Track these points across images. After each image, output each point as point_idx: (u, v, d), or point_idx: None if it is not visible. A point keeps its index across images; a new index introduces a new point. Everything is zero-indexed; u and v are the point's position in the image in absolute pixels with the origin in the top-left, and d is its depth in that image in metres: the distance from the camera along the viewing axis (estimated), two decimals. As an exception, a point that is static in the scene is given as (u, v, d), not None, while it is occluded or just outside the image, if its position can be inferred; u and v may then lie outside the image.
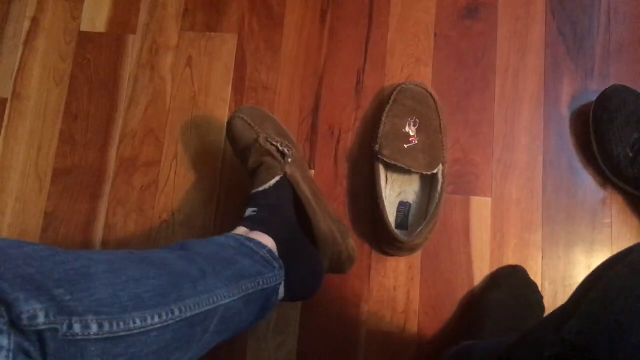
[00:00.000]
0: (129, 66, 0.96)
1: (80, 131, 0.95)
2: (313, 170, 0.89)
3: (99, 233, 0.91)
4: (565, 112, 0.89)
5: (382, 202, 0.80)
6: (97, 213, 0.91)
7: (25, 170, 0.94)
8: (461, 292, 0.84)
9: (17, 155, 0.95)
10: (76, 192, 0.93)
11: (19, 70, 0.98)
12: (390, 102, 0.85)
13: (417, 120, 0.84)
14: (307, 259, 0.74)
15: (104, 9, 0.99)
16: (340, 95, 0.92)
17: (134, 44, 0.97)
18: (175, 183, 0.91)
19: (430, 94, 0.85)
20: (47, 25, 0.99)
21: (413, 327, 0.84)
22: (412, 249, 0.82)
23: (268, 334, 0.85)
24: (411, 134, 0.83)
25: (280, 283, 0.68)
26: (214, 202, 0.90)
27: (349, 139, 0.90)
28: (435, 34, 0.92)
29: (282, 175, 0.75)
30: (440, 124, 0.84)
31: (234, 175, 0.90)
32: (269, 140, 0.77)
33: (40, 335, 0.38)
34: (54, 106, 0.96)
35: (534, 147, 0.88)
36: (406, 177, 0.86)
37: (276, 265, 0.66)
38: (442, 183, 0.82)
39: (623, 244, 0.83)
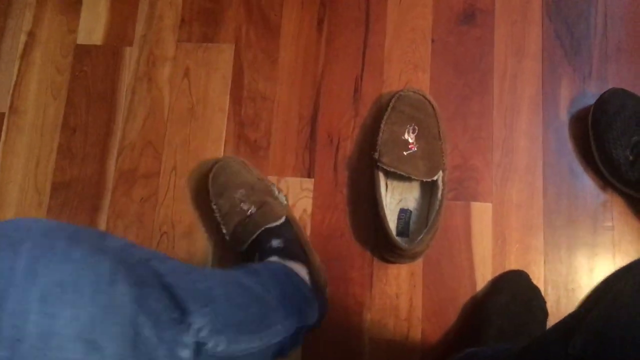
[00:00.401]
0: (127, 78, 0.96)
1: (79, 144, 0.95)
2: (312, 179, 0.89)
3: (99, 246, 0.90)
4: (564, 116, 0.88)
5: (383, 209, 0.80)
6: (97, 226, 0.91)
7: (24, 185, 0.94)
8: (464, 298, 0.84)
9: (16, 170, 0.94)
10: (75, 205, 0.92)
11: (16, 84, 0.98)
12: (389, 109, 0.85)
13: (416, 127, 0.83)
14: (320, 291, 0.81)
15: (101, 21, 0.99)
16: (339, 103, 0.92)
17: (131, 56, 0.97)
18: (174, 195, 0.91)
19: (429, 101, 0.85)
20: (44, 39, 0.99)
21: (416, 334, 0.83)
22: (413, 256, 0.82)
23: (271, 344, 0.84)
24: (410, 140, 0.83)
25: (316, 321, 0.74)
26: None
27: (347, 147, 0.90)
28: (432, 40, 0.92)
29: (286, 216, 0.81)
30: (439, 131, 0.84)
31: (233, 186, 0.90)
32: (269, 183, 0.85)
33: (197, 347, 0.43)
34: (52, 120, 0.96)
35: (533, 150, 0.88)
36: (406, 185, 0.85)
37: (315, 304, 0.70)
38: (443, 190, 0.82)
39: (625, 246, 0.83)
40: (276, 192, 0.84)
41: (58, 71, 0.98)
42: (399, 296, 0.85)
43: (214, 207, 0.83)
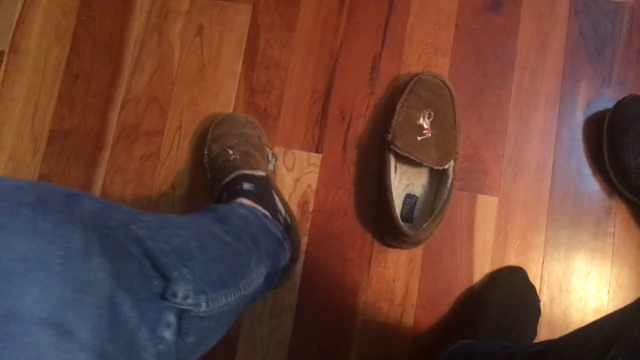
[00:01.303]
0: (136, 29, 0.92)
1: (81, 93, 0.91)
2: (320, 155, 0.87)
3: (94, 201, 0.88)
4: (580, 117, 0.88)
5: (391, 193, 0.79)
6: (94, 180, 0.88)
7: (20, 129, 0.90)
8: (460, 289, 0.84)
9: (12, 113, 0.91)
10: (73, 157, 0.89)
11: (18, 22, 0.93)
12: (406, 91, 0.83)
13: (432, 113, 0.82)
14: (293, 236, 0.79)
15: (113, -35, 0.94)
16: (354, 79, 0.89)
17: (142, 6, 0.92)
18: (177, 156, 0.88)
19: (448, 87, 0.83)
20: (51, -23, 0.94)
21: (409, 320, 0.83)
22: (416, 243, 0.81)
23: (263, 317, 0.84)
24: (425, 126, 0.81)
25: (287, 263, 0.69)
26: (216, 178, 0.87)
27: (359, 126, 0.88)
28: (456, 25, 0.90)
29: (265, 174, 0.78)
30: (455, 119, 0.83)
31: (238, 153, 0.88)
32: (267, 143, 0.83)
33: (181, 313, 0.41)
34: (54, 64, 0.92)
35: (545, 149, 0.87)
36: (415, 170, 0.84)
37: (287, 246, 0.67)
38: (452, 179, 0.81)
39: (623, 254, 0.84)
40: (269, 156, 0.83)
41: (64, 13, 0.93)
42: (396, 281, 0.84)
43: (206, 152, 0.82)
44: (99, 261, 0.34)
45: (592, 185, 0.86)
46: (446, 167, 0.80)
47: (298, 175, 0.87)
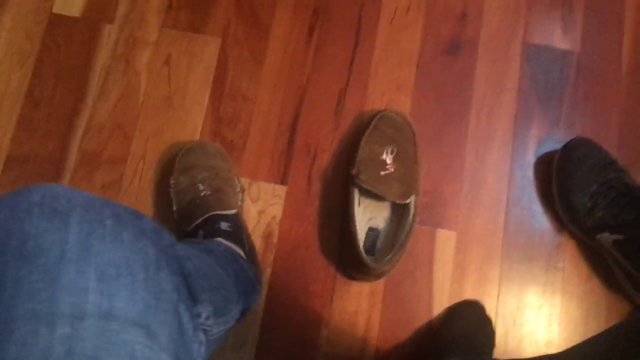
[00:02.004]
0: (102, 56, 0.92)
1: (42, 118, 0.89)
2: (285, 187, 0.89)
3: (52, 229, 0.85)
4: (531, 156, 0.93)
5: (354, 225, 0.81)
6: (53, 207, 0.86)
7: (-25, 153, 0.87)
8: (420, 321, 0.86)
9: (-32, 136, 0.88)
10: (30, 182, 0.86)
11: (-22, 44, 0.91)
12: (371, 127, 0.86)
13: (395, 149, 0.85)
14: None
15: (81, -8, 0.94)
16: (320, 113, 0.92)
17: (109, 34, 0.92)
18: (140, 185, 0.88)
19: (409, 125, 0.86)
20: (17, 0, 0.93)
21: (371, 352, 0.84)
22: (378, 276, 0.83)
23: (225, 350, 0.83)
24: (388, 162, 0.84)
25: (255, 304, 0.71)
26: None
27: (324, 159, 0.90)
28: (418, 64, 0.94)
29: (235, 211, 0.80)
30: (416, 155, 0.86)
31: (203, 183, 0.88)
32: (236, 175, 0.84)
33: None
34: (15, 88, 0.90)
35: (500, 186, 0.91)
36: (378, 204, 0.86)
37: (258, 288, 0.68)
38: (414, 214, 0.83)
39: (572, 289, 0.88)
40: (238, 188, 0.84)
41: (28, 38, 0.92)
42: (358, 314, 0.85)
43: (172, 182, 0.82)
44: (166, 274, 0.37)
45: (543, 221, 0.91)
46: (408, 201, 0.83)
47: (263, 207, 0.88)
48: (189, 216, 0.78)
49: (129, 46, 0.92)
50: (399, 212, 0.86)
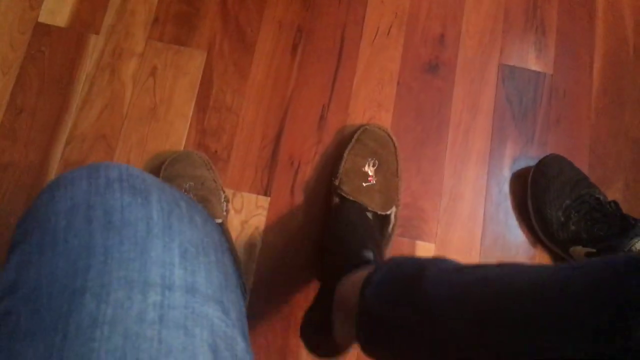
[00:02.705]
0: (87, 66, 0.92)
1: (24, 127, 0.89)
2: (269, 198, 0.90)
3: (31, 237, 0.84)
4: (507, 173, 0.96)
5: None
6: (32, 215, 0.85)
7: (-47, 160, 0.86)
8: (399, 333, 0.87)
9: (-54, 143, 0.87)
10: (10, 192, 0.86)
11: (-40, 51, 0.91)
12: (353, 140, 0.88)
13: (377, 162, 0.87)
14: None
15: (67, 3, 0.94)
16: (303, 127, 0.93)
17: (95, 45, 0.93)
18: (123, 194, 0.87)
19: (391, 139, 0.89)
20: (2, 8, 0.93)
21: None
22: (359, 286, 0.84)
23: None
24: (370, 173, 0.86)
25: None
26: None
27: (307, 172, 0.92)
28: (398, 83, 0.97)
29: (221, 221, 0.81)
30: (398, 169, 0.88)
31: (186, 193, 0.88)
32: (221, 185, 0.85)
33: None
34: (-3, 96, 0.89)
35: (476, 201, 0.94)
36: (360, 216, 0.88)
37: (245, 298, 0.68)
38: (394, 224, 0.85)
39: (547, 299, 0.90)
40: (222, 198, 0.85)
41: (12, 47, 0.92)
42: (339, 324, 0.86)
43: None
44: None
45: (519, 235, 0.93)
46: (388, 212, 0.85)
47: (246, 218, 0.88)
48: None
49: (114, 57, 0.93)
50: (379, 223, 0.87)
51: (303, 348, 0.83)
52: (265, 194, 0.90)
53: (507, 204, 0.95)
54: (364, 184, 0.85)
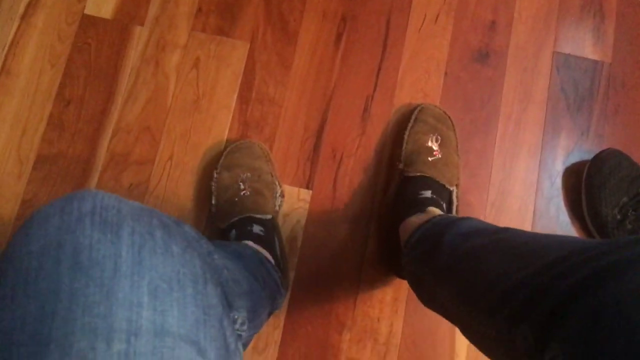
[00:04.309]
0: (132, 58, 0.93)
1: (71, 118, 0.90)
2: (310, 191, 0.89)
3: (79, 228, 0.86)
4: (560, 167, 0.92)
5: None
6: (80, 206, 0.87)
7: (5, 151, 0.88)
8: (444, 329, 0.85)
9: (-1, 134, 0.89)
10: (59, 182, 0.88)
11: (11, 44, 0.92)
12: (412, 120, 0.86)
13: (439, 137, 0.85)
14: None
15: (112, -5, 0.95)
16: (347, 119, 0.91)
17: (140, 36, 0.93)
18: (166, 186, 0.88)
19: (449, 117, 0.87)
20: (50, 2, 0.94)
21: (393, 358, 0.84)
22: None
23: (246, 353, 0.83)
24: (435, 148, 0.84)
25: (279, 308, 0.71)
26: (205, 210, 0.87)
27: (350, 164, 0.90)
28: (445, 73, 0.94)
29: (272, 217, 0.81)
30: (457, 146, 0.86)
31: (229, 186, 0.88)
32: (277, 182, 0.84)
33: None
34: (46, 88, 0.91)
35: (526, 196, 0.90)
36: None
37: (284, 292, 0.68)
38: (457, 205, 0.82)
39: (600, 300, 0.87)
40: (278, 193, 0.84)
41: (59, 39, 0.93)
42: (381, 320, 0.85)
43: (216, 175, 0.83)
44: (211, 287, 0.37)
45: (570, 232, 0.89)
46: (452, 189, 0.82)
47: (288, 211, 0.88)
48: (225, 213, 0.79)
49: (158, 48, 0.93)
50: (447, 199, 0.84)
51: (342, 340, 0.83)
52: (307, 187, 0.89)
53: (559, 200, 0.90)
54: (430, 159, 0.82)
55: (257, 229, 0.76)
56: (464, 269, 0.51)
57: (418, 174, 0.80)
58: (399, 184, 0.83)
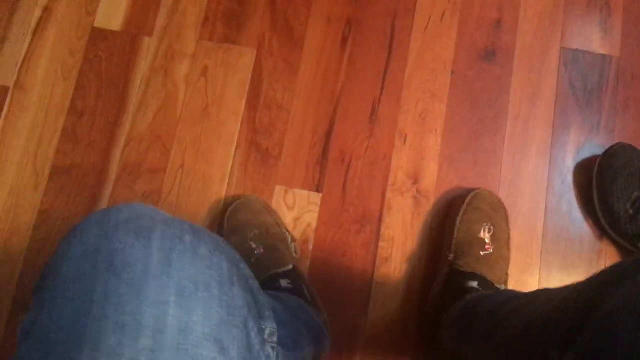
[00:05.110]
0: (142, 68, 0.94)
1: (85, 129, 0.92)
2: (320, 194, 0.89)
3: (95, 237, 0.88)
4: (570, 163, 0.91)
5: None
6: (95, 216, 0.89)
7: (22, 164, 0.91)
8: (457, 330, 0.85)
9: (15, 148, 0.91)
10: (74, 192, 0.90)
11: (24, 59, 0.95)
12: (465, 205, 0.83)
13: (492, 227, 0.82)
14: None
15: (121, 7, 0.97)
16: (354, 122, 0.92)
17: (149, 47, 0.95)
18: (179, 193, 0.90)
19: (503, 206, 0.85)
20: (60, 16, 0.96)
21: (407, 359, 0.84)
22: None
23: None
24: (487, 240, 0.81)
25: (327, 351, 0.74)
26: (218, 217, 0.88)
27: (359, 167, 0.90)
28: (453, 72, 0.94)
29: (292, 266, 0.80)
30: (509, 239, 0.83)
31: (240, 191, 0.89)
32: (285, 230, 0.84)
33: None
34: (59, 101, 0.93)
35: (537, 193, 0.90)
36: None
37: (328, 334, 0.72)
38: None
39: (615, 296, 0.86)
40: (289, 240, 0.84)
41: (71, 52, 0.95)
42: (394, 322, 0.85)
43: None
44: (238, 289, 0.38)
45: (584, 228, 0.89)
46: (500, 287, 0.78)
47: (298, 214, 0.88)
48: None
49: (167, 58, 0.94)
50: None
51: (357, 347, 0.83)
52: (317, 191, 0.89)
53: (571, 196, 0.90)
54: (482, 253, 0.79)
55: (284, 283, 0.76)
56: (503, 329, 0.52)
57: (469, 270, 0.77)
58: (447, 276, 0.80)
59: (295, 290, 0.76)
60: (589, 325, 0.36)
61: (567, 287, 0.45)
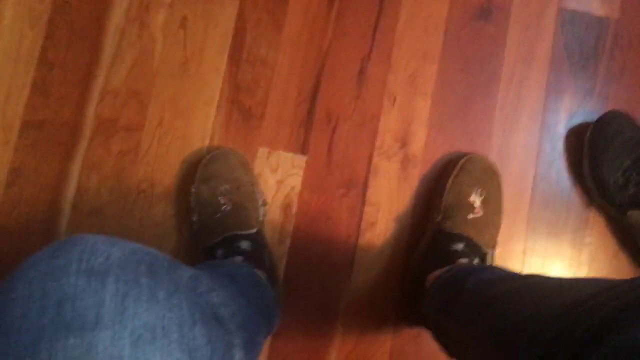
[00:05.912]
0: (116, 18, 0.88)
1: (56, 82, 0.87)
2: (305, 157, 0.86)
3: (68, 196, 0.84)
4: (562, 129, 0.89)
5: None
6: (69, 175, 0.85)
7: (-11, 118, 0.85)
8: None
9: (-19, 101, 0.86)
10: (47, 149, 0.85)
11: (-11, 5, 0.88)
12: (457, 168, 0.81)
13: (484, 193, 0.80)
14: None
15: (93, -50, 0.89)
16: (341, 82, 0.88)
17: (124, -5, 0.89)
18: (157, 152, 0.86)
19: (497, 171, 0.83)
20: (27, -42, 0.89)
21: (389, 323, 0.83)
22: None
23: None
24: (477, 205, 0.79)
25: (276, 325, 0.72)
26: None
27: (345, 128, 0.87)
28: (445, 31, 0.90)
29: (258, 229, 0.78)
30: (502, 205, 0.82)
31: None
32: (258, 191, 0.81)
33: None
34: (28, 51, 0.87)
35: (527, 159, 0.88)
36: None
37: (277, 312, 0.70)
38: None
39: (598, 265, 0.86)
40: (260, 203, 0.81)
41: (39, -2, 0.88)
42: (377, 285, 0.84)
43: (193, 190, 0.80)
44: (200, 328, 0.36)
45: (572, 196, 0.88)
46: (486, 252, 0.77)
47: (282, 177, 0.86)
48: (209, 232, 0.76)
49: (142, 7, 0.88)
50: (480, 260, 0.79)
51: (339, 311, 0.82)
52: (302, 153, 0.86)
53: (561, 163, 0.88)
54: (471, 216, 0.78)
55: (244, 244, 0.73)
56: (492, 314, 0.50)
57: (456, 231, 0.76)
58: (433, 236, 0.79)
59: (254, 254, 0.74)
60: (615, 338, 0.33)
61: (577, 282, 0.43)
